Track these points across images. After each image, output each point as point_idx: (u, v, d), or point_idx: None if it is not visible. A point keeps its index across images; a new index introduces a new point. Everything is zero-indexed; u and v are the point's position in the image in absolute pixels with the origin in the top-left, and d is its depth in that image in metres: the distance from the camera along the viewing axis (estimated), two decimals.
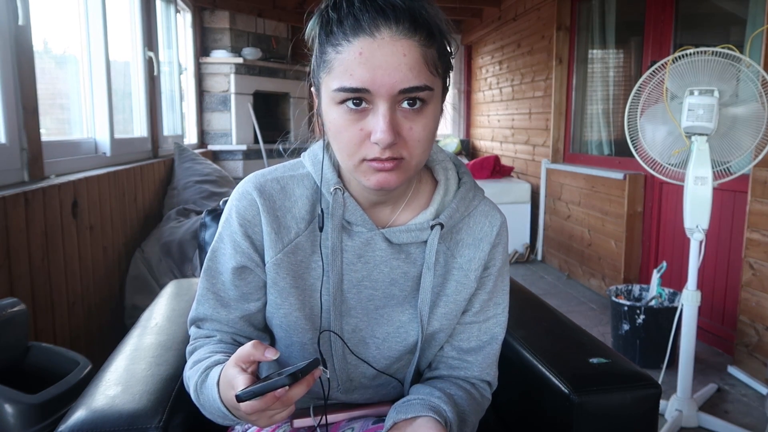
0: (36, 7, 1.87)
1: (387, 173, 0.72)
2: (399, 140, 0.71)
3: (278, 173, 0.85)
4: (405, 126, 0.71)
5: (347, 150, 0.73)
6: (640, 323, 2.48)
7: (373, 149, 0.71)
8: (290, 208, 0.83)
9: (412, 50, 0.68)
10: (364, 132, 0.71)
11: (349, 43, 0.68)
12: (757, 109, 1.84)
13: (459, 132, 6.67)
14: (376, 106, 0.69)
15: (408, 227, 0.82)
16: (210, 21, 4.53)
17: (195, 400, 0.80)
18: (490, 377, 0.91)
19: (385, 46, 0.67)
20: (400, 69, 0.68)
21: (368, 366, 0.87)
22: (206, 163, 3.49)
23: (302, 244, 0.83)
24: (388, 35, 0.68)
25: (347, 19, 0.68)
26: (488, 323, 0.90)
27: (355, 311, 0.85)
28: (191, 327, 0.89)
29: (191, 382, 0.79)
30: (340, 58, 0.69)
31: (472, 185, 0.89)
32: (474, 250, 0.87)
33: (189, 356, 0.86)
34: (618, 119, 3.76)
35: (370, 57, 0.67)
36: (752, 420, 2.08)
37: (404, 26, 0.68)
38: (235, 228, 0.83)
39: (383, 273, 0.84)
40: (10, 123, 1.73)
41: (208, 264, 0.86)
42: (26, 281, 1.65)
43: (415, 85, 0.69)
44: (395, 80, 0.68)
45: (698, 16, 3.20)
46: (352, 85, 0.68)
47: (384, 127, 0.68)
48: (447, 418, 0.80)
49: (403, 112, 0.70)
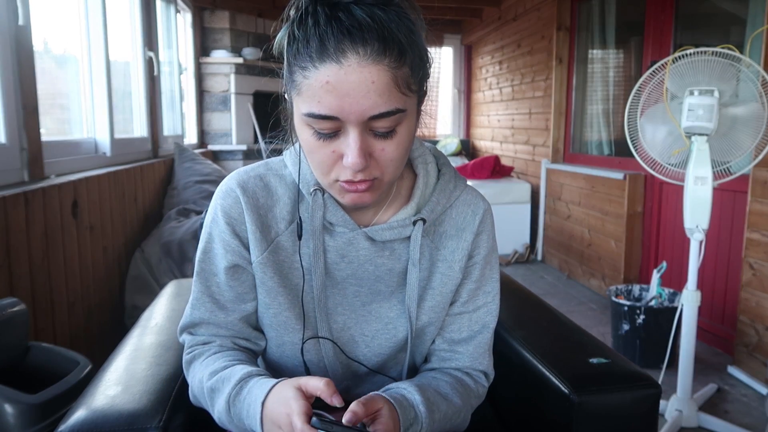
0: (36, 7, 1.87)
1: (361, 193, 0.73)
2: (371, 162, 0.70)
3: (261, 170, 0.85)
4: (377, 147, 0.70)
5: (320, 169, 0.73)
6: (640, 323, 2.48)
7: (345, 171, 0.71)
8: (272, 207, 0.83)
9: (381, 75, 0.65)
10: (336, 154, 0.70)
11: (315, 69, 0.65)
12: (757, 109, 1.84)
13: (459, 132, 6.67)
14: (346, 130, 0.68)
15: (390, 224, 0.82)
16: (210, 21, 4.53)
17: (221, 412, 0.77)
18: (484, 366, 0.90)
19: (352, 73, 0.64)
20: (369, 96, 0.65)
21: (359, 365, 0.87)
22: (206, 163, 3.49)
23: (283, 243, 0.82)
24: (355, 61, 0.64)
25: (313, 41, 0.65)
26: (478, 312, 0.89)
27: (342, 308, 0.85)
28: (183, 334, 0.87)
29: (220, 395, 0.76)
30: (307, 84, 0.66)
31: (452, 176, 0.88)
32: (457, 241, 0.86)
33: (189, 365, 0.84)
34: (618, 119, 3.76)
35: (337, 85, 0.64)
36: (752, 420, 2.08)
37: (372, 48, 0.64)
38: (222, 227, 0.82)
39: (368, 271, 0.84)
40: (10, 123, 1.73)
41: (200, 267, 0.84)
42: (26, 281, 1.65)
43: (385, 110, 0.66)
44: (364, 108, 0.65)
45: (698, 16, 3.20)
46: (321, 112, 0.66)
47: (356, 152, 0.68)
48: (405, 395, 0.78)
49: (374, 134, 0.69)
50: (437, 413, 0.80)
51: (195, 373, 0.83)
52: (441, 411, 0.81)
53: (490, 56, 5.70)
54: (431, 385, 0.83)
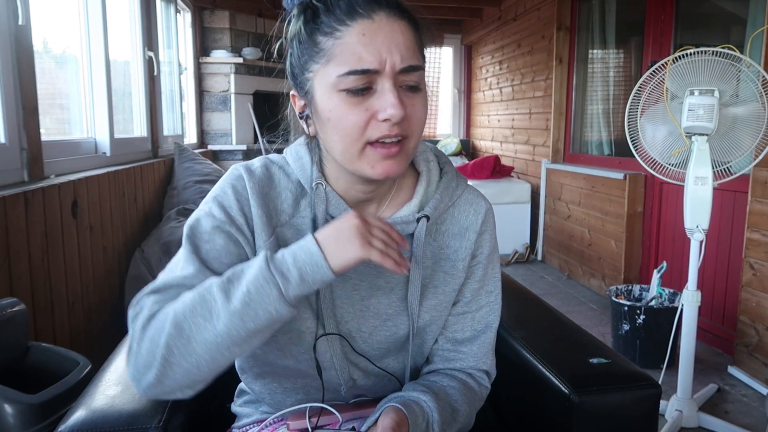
0: (36, 7, 1.87)
1: (392, 160, 0.74)
2: (404, 118, 0.72)
3: (265, 162, 0.85)
4: (408, 103, 0.73)
5: (352, 135, 0.72)
6: (640, 323, 2.48)
7: (379, 128, 0.72)
8: (275, 198, 0.83)
9: (406, 30, 0.72)
10: (369, 112, 0.71)
11: (347, 26, 0.70)
12: (757, 109, 1.84)
13: (459, 132, 6.67)
14: (381, 85, 0.71)
15: (393, 221, 0.82)
16: (210, 21, 4.53)
17: (241, 299, 0.66)
18: (487, 366, 0.91)
19: (384, 26, 0.70)
20: (400, 47, 0.70)
21: (363, 361, 0.86)
22: (206, 163, 3.49)
23: (283, 235, 0.82)
24: (384, 16, 0.70)
25: (338, 5, 0.70)
26: (481, 312, 0.90)
27: (341, 301, 0.84)
28: (148, 296, 0.74)
29: (242, 277, 0.68)
30: (340, 43, 0.70)
31: (454, 175, 0.89)
32: (460, 240, 0.87)
33: (155, 314, 0.71)
34: (618, 119, 3.76)
35: (372, 37, 0.69)
36: (752, 420, 2.08)
37: (394, 9, 0.71)
38: (231, 201, 0.78)
39: (369, 266, 0.83)
40: (10, 123, 1.73)
41: (192, 230, 0.77)
42: (26, 281, 1.65)
43: (414, 63, 0.72)
44: (397, 58, 0.70)
45: (698, 16, 3.20)
46: (362, 67, 0.69)
47: (395, 101, 0.70)
48: (422, 407, 0.80)
49: (403, 91, 0.72)
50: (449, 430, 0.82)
51: (172, 304, 0.71)
52: (452, 428, 0.83)
53: (490, 56, 5.69)
54: (447, 401, 0.84)
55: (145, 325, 0.71)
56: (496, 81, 5.53)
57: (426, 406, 0.80)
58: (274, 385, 0.89)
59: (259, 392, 0.92)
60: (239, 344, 0.68)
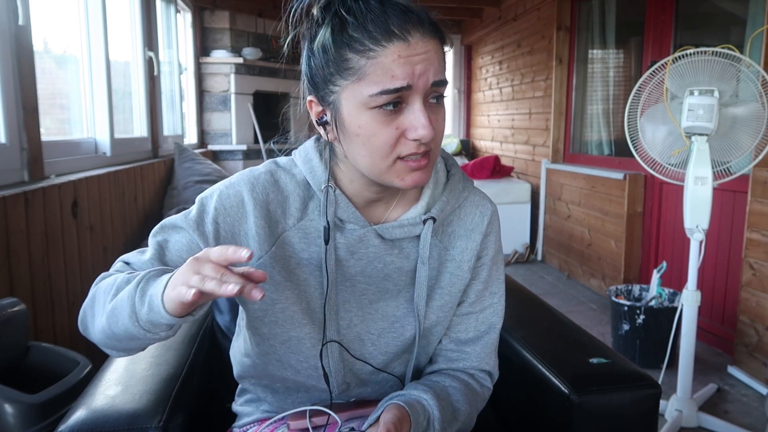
0: (36, 7, 1.87)
1: (421, 171, 0.75)
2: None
3: (271, 167, 0.85)
4: (434, 119, 0.74)
5: (382, 151, 0.73)
6: (640, 323, 2.48)
7: (408, 146, 0.73)
8: (282, 202, 0.83)
9: (438, 48, 0.73)
10: (399, 131, 0.73)
11: (383, 47, 0.69)
12: (757, 109, 1.84)
13: (459, 132, 6.67)
14: (411, 103, 0.72)
15: (400, 222, 0.83)
16: (210, 21, 4.53)
17: (127, 297, 0.69)
18: (489, 366, 0.92)
19: (419, 48, 0.70)
20: (432, 64, 0.72)
21: (365, 364, 0.87)
22: (206, 163, 3.49)
23: (290, 239, 0.82)
24: (419, 38, 0.71)
25: (373, 25, 0.70)
26: (485, 313, 0.90)
27: (349, 305, 0.85)
28: (117, 262, 0.83)
29: (132, 281, 0.70)
30: (373, 64, 0.70)
31: (461, 177, 0.90)
32: (466, 241, 0.87)
33: (100, 280, 0.79)
34: (618, 119, 3.76)
35: (407, 59, 0.70)
36: (752, 420, 2.08)
37: (428, 28, 0.72)
38: (209, 209, 0.80)
39: (377, 269, 0.84)
40: (10, 123, 1.73)
41: (169, 221, 0.82)
42: (26, 281, 1.65)
43: (442, 78, 0.73)
44: (429, 75, 0.71)
45: (698, 16, 3.20)
46: (395, 86, 0.70)
47: (425, 122, 0.71)
48: (424, 406, 0.81)
49: (429, 106, 0.74)
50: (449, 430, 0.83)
51: (109, 278, 0.77)
52: (453, 427, 0.84)
53: (490, 56, 5.70)
54: (449, 400, 0.85)
55: (96, 282, 0.80)
56: (496, 81, 5.53)
57: (427, 405, 0.81)
58: (276, 385, 0.91)
59: (261, 393, 0.93)
60: (119, 340, 0.73)
